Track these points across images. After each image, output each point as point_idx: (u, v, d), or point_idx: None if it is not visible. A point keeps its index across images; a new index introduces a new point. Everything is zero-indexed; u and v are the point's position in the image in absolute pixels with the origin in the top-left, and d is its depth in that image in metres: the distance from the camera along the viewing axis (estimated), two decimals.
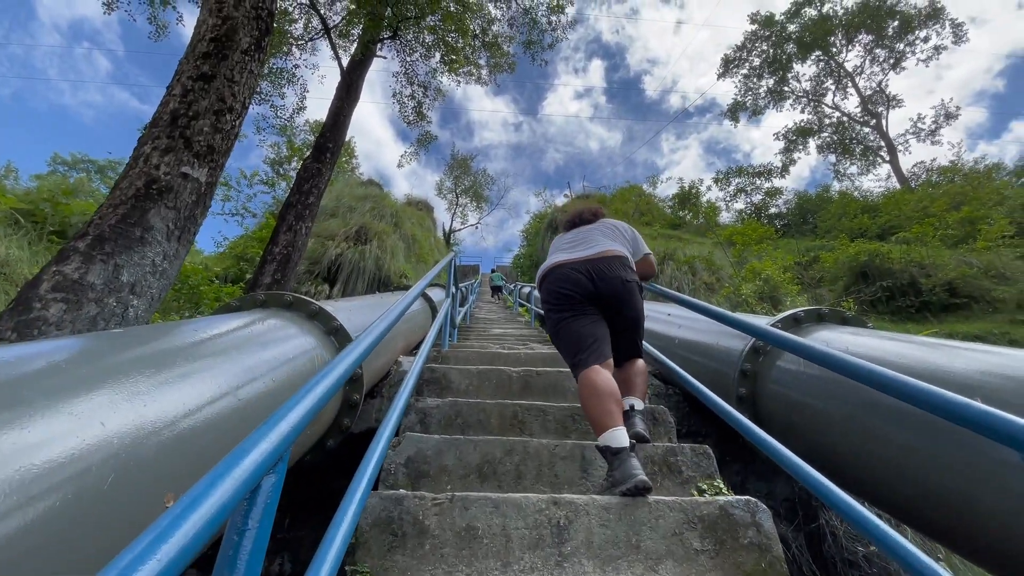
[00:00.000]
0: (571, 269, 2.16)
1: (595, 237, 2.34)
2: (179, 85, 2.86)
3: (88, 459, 0.91)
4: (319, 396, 0.79)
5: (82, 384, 1.04)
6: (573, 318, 2.10)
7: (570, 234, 2.47)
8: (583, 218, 2.55)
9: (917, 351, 1.76)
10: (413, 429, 2.30)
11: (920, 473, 1.51)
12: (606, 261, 2.16)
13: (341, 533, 0.91)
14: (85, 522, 0.86)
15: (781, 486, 2.81)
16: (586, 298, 2.11)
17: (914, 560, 0.90)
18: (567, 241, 2.41)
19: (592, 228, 2.44)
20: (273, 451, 0.62)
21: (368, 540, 1.48)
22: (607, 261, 2.16)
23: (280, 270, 5.83)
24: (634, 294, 2.17)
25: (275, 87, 10.11)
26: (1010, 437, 0.76)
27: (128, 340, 1.37)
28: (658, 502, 1.58)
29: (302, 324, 2.20)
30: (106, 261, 2.37)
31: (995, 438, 0.79)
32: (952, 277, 10.53)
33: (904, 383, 0.93)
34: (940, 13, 24.13)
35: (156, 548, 0.42)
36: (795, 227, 22.42)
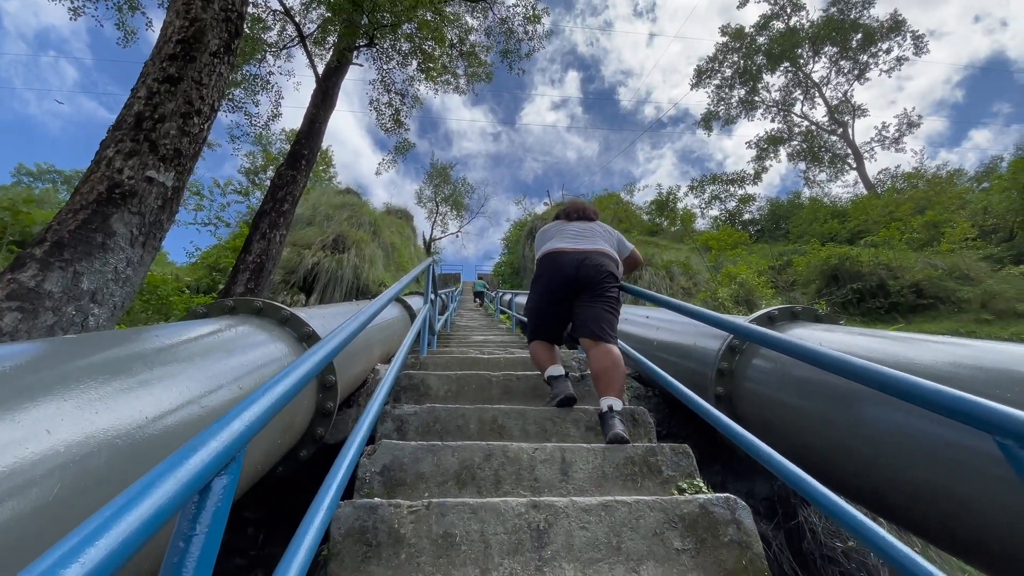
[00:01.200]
0: (568, 257, 2.58)
1: (593, 235, 2.76)
2: (144, 87, 2.77)
3: (32, 470, 0.85)
4: (279, 395, 0.75)
5: (27, 391, 0.97)
6: (547, 303, 2.61)
7: (575, 225, 2.82)
8: (579, 210, 2.94)
9: (888, 345, 1.79)
10: (390, 437, 2.24)
11: (893, 465, 1.52)
12: (596, 257, 2.58)
13: (306, 543, 0.87)
14: (27, 535, 0.80)
15: (761, 484, 2.83)
16: (564, 285, 2.54)
17: (893, 551, 0.90)
18: (573, 231, 2.77)
19: (591, 226, 2.84)
20: (225, 450, 0.58)
21: (341, 551, 1.43)
22: (597, 257, 2.58)
23: (254, 279, 5.69)
24: (608, 281, 2.54)
25: (249, 94, 9.95)
26: (983, 421, 0.76)
27: (82, 346, 1.30)
28: (638, 502, 1.56)
29: (272, 331, 2.13)
30: (65, 268, 2.27)
31: (969, 423, 0.79)
32: (919, 279, 10.89)
33: (878, 372, 0.93)
34: (901, 25, 25.19)
35: (83, 549, 0.39)
36: (768, 232, 22.95)
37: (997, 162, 21.88)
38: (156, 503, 0.46)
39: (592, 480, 1.87)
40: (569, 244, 2.64)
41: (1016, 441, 0.71)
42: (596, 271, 2.50)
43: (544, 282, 2.61)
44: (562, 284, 2.53)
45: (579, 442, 2.15)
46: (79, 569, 0.37)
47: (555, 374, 2.48)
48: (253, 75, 9.75)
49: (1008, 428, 0.71)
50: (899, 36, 25.42)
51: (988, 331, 9.30)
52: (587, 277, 2.49)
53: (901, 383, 0.89)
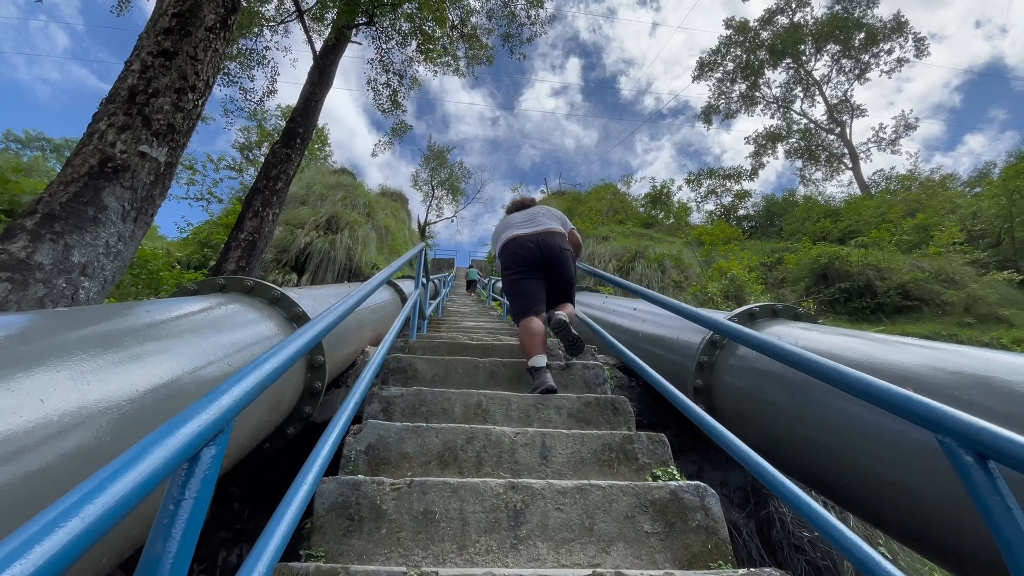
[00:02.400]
0: (526, 240, 2.96)
1: (539, 218, 3.11)
2: (138, 61, 2.74)
3: (26, 437, 0.89)
4: (267, 372, 0.79)
5: (21, 360, 1.00)
6: (523, 279, 2.92)
7: (520, 214, 3.21)
8: (524, 204, 3.40)
9: (860, 344, 1.85)
10: (376, 417, 2.29)
11: (856, 460, 1.60)
12: (550, 235, 2.97)
13: (288, 516, 0.91)
14: (19, 502, 0.84)
15: (735, 475, 2.92)
16: (534, 263, 2.91)
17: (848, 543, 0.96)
18: (519, 220, 3.14)
19: (535, 210, 3.23)
20: (214, 422, 0.62)
21: (324, 524, 1.48)
22: (551, 235, 2.97)
23: (245, 257, 5.68)
24: (568, 260, 2.99)
25: (244, 69, 9.80)
26: (925, 419, 0.81)
27: (75, 318, 1.33)
28: (612, 487, 1.62)
29: (263, 310, 2.16)
30: (56, 240, 2.28)
31: (913, 420, 0.84)
32: (905, 280, 11.04)
33: (835, 369, 0.98)
34: (904, 27, 25.14)
35: (81, 507, 0.43)
36: (762, 229, 23.07)
37: (990, 168, 22.10)
38: (149, 467, 0.50)
39: (570, 465, 1.93)
40: (522, 230, 3.04)
41: (954, 439, 0.76)
42: (556, 249, 2.94)
43: (514, 263, 2.97)
44: (530, 261, 2.92)
45: (560, 428, 2.21)
46: (79, 523, 0.41)
47: (538, 365, 2.62)
48: (249, 49, 9.60)
49: (946, 426, 0.77)
50: (901, 37, 25.40)
51: (969, 334, 9.49)
52: (551, 256, 2.92)
53: (854, 381, 0.94)
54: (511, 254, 3.00)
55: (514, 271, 2.97)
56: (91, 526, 0.42)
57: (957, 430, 0.75)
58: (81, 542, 0.41)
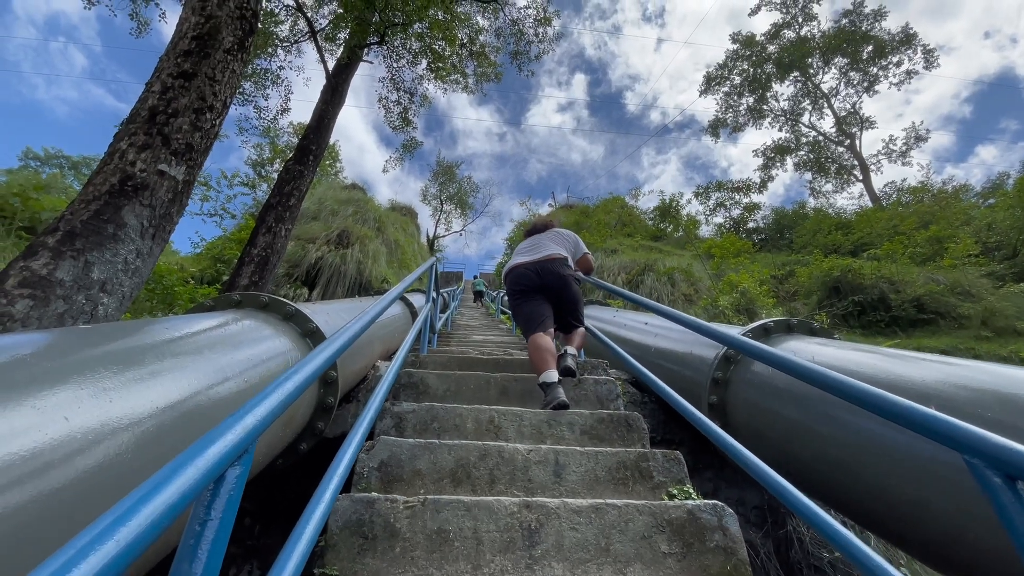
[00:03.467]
0: (524, 268, 3.15)
1: (544, 243, 3.29)
2: (159, 82, 2.82)
3: (50, 455, 0.90)
4: (288, 392, 0.80)
5: (46, 378, 1.02)
6: (525, 302, 3.11)
7: (527, 241, 3.41)
8: (536, 228, 3.51)
9: (879, 361, 1.83)
10: (388, 433, 2.28)
11: (876, 479, 1.56)
12: (549, 262, 3.13)
13: (307, 534, 0.91)
14: (45, 519, 0.85)
15: (751, 493, 2.87)
16: (534, 289, 3.10)
17: (872, 564, 0.94)
18: (524, 247, 3.35)
19: (543, 236, 3.38)
20: (239, 442, 0.62)
21: (338, 543, 1.47)
22: (550, 262, 3.13)
23: (258, 272, 5.75)
24: (569, 284, 3.11)
25: (258, 88, 10.01)
26: (952, 440, 0.80)
27: (96, 336, 1.35)
28: (628, 506, 1.60)
29: (277, 325, 2.18)
30: (76, 257, 2.32)
31: (940, 441, 0.83)
32: (920, 293, 10.88)
33: (855, 388, 0.97)
34: (913, 39, 25.14)
35: (115, 529, 0.43)
36: (772, 242, 22.93)
37: (1003, 179, 21.85)
38: (180, 489, 0.51)
39: (584, 483, 1.91)
40: (524, 258, 3.22)
41: (982, 460, 0.75)
42: (552, 275, 3.09)
43: (517, 290, 3.18)
44: (530, 287, 3.12)
45: (573, 445, 2.19)
46: (114, 546, 0.42)
47: (549, 381, 2.61)
48: (263, 69, 9.81)
49: (975, 447, 0.75)
50: (910, 49, 25.39)
51: (987, 348, 9.31)
52: (548, 281, 3.09)
53: (878, 400, 0.93)
54: (512, 282, 3.23)
55: (516, 296, 3.20)
56: (127, 548, 0.43)
57: (986, 451, 0.74)
58: (118, 563, 0.41)
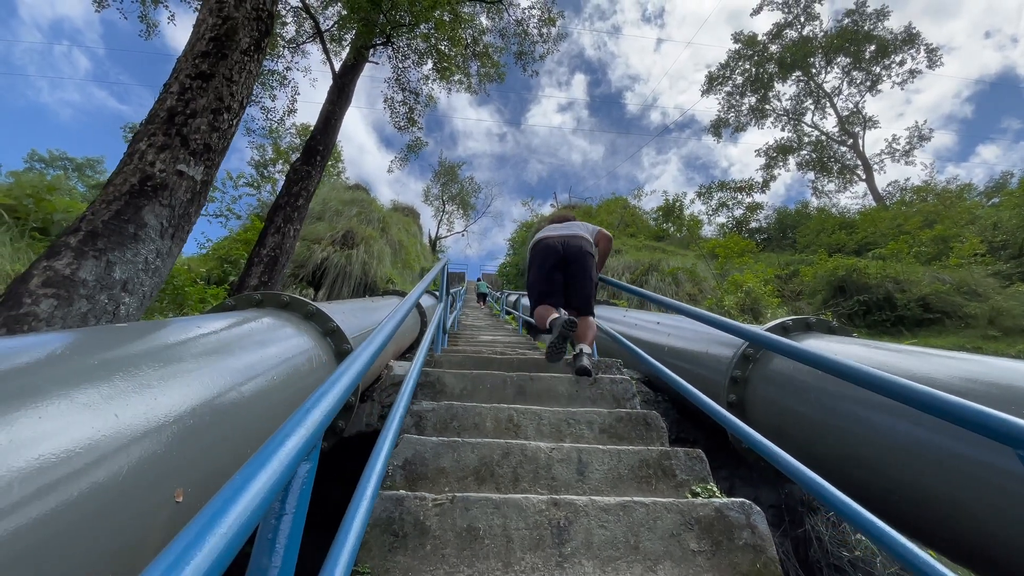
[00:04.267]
0: (552, 241, 3.39)
1: (570, 225, 3.61)
2: (177, 83, 2.83)
3: (103, 450, 0.91)
4: (345, 387, 0.80)
5: (92, 374, 1.03)
6: (544, 278, 3.31)
7: (553, 225, 3.71)
8: (562, 217, 3.84)
9: (903, 359, 1.83)
10: (409, 432, 2.29)
11: (905, 478, 1.57)
12: (575, 238, 3.38)
13: (353, 532, 0.91)
14: (100, 514, 0.86)
15: (767, 492, 2.87)
16: (557, 260, 3.29)
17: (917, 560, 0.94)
18: (554, 227, 3.62)
19: (571, 223, 3.69)
20: (310, 438, 0.63)
21: (368, 541, 1.48)
22: (576, 238, 3.38)
23: (267, 272, 5.76)
24: (588, 262, 3.32)
25: (265, 89, 10.04)
26: (1004, 435, 0.80)
27: (130, 334, 1.36)
28: (656, 504, 1.60)
29: (299, 324, 2.19)
30: (98, 257, 2.33)
31: (990, 436, 0.83)
32: (926, 293, 10.86)
33: (902, 385, 0.97)
34: (916, 38, 25.09)
35: (217, 523, 0.44)
36: (775, 241, 22.90)
37: (1007, 178, 21.79)
38: (266, 485, 0.51)
39: (608, 481, 1.91)
40: (553, 232, 3.49)
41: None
42: (577, 249, 3.30)
43: (539, 260, 3.36)
44: (554, 258, 3.30)
45: (593, 443, 2.20)
46: (219, 541, 0.43)
47: (554, 320, 3.00)
48: (270, 70, 9.84)
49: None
50: (912, 48, 25.34)
51: (994, 347, 9.29)
52: (572, 254, 3.29)
53: (924, 397, 0.93)
54: (539, 251, 3.44)
55: (536, 266, 3.39)
56: (230, 543, 0.43)
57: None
58: (224, 559, 0.42)
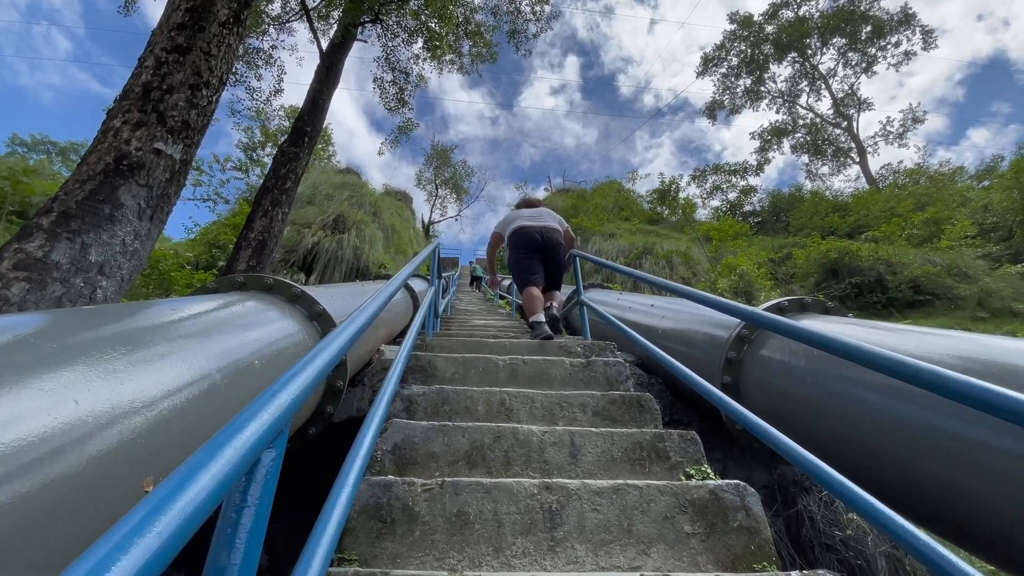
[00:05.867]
0: (532, 231, 3.94)
1: (543, 216, 4.13)
2: (152, 57, 2.71)
3: (61, 439, 0.85)
4: (319, 369, 0.75)
5: (52, 359, 0.97)
6: (527, 259, 3.90)
7: (528, 211, 4.18)
8: (531, 203, 4.40)
9: (899, 338, 1.80)
10: (398, 416, 2.24)
11: (903, 459, 1.54)
12: (550, 231, 3.99)
13: (334, 519, 0.87)
14: (58, 506, 0.80)
15: (759, 473, 2.87)
16: (535, 248, 3.90)
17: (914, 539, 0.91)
18: (527, 216, 4.10)
19: (539, 210, 4.22)
20: (274, 423, 0.58)
21: (356, 526, 1.44)
22: (551, 231, 4.00)
23: (255, 256, 5.65)
24: (562, 252, 4.02)
25: (250, 68, 9.77)
26: (1014, 413, 0.76)
27: (101, 317, 1.29)
28: (649, 486, 1.57)
29: (283, 308, 2.12)
30: (72, 239, 2.24)
31: (1000, 415, 0.79)
32: (917, 275, 10.92)
33: (908, 364, 0.93)
34: (912, 19, 24.87)
35: (152, 521, 0.38)
36: (769, 224, 22.92)
37: (998, 161, 21.82)
38: (219, 474, 0.46)
39: (601, 464, 1.88)
40: (529, 222, 3.99)
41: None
42: (554, 241, 3.95)
43: (522, 248, 3.93)
44: (533, 246, 3.89)
45: (586, 426, 2.17)
46: (155, 540, 0.37)
47: (538, 320, 3.58)
48: (255, 48, 9.57)
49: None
50: (908, 30, 25.12)
51: (983, 328, 9.36)
52: (550, 245, 3.92)
53: (928, 375, 0.89)
54: (520, 240, 3.96)
55: (522, 252, 3.93)
56: (170, 539, 0.38)
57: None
58: (162, 556, 0.37)
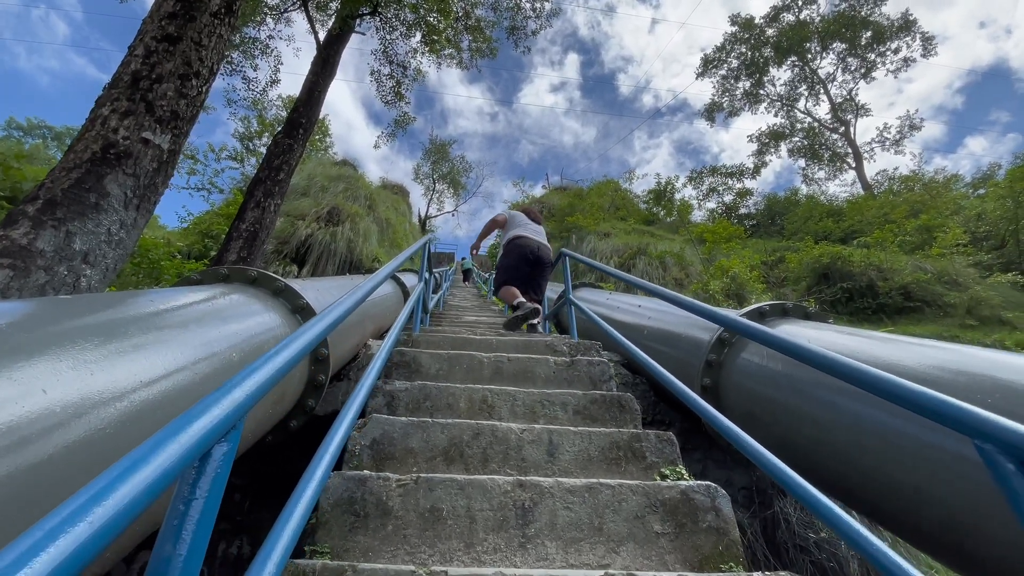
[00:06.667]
0: (530, 243, 4.44)
1: (540, 232, 4.66)
2: (142, 45, 2.69)
3: (27, 428, 0.86)
4: (278, 366, 0.76)
5: (22, 349, 0.97)
6: (516, 268, 4.39)
7: (530, 223, 4.69)
8: (534, 216, 4.86)
9: (874, 345, 1.82)
10: (380, 412, 2.26)
11: (873, 465, 1.57)
12: (545, 248, 4.54)
13: (298, 511, 0.88)
14: (21, 497, 0.81)
15: (739, 474, 2.90)
16: (529, 261, 4.39)
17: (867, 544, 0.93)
18: (530, 228, 4.62)
19: (539, 228, 4.72)
20: (225, 418, 0.59)
21: (329, 520, 1.46)
22: (546, 248, 4.54)
23: (247, 247, 5.64)
24: (548, 268, 4.58)
25: (247, 58, 9.71)
26: (964, 425, 0.78)
27: (76, 306, 1.30)
28: (622, 486, 1.60)
29: (266, 301, 2.13)
30: (57, 227, 2.24)
31: (950, 426, 0.81)
32: (907, 281, 11.00)
33: (864, 372, 0.95)
34: (912, 25, 24.95)
35: (88, 509, 0.39)
36: (763, 228, 23.01)
37: (994, 169, 21.98)
38: (161, 466, 0.47)
39: (578, 463, 1.91)
40: (531, 235, 4.50)
41: (994, 446, 0.73)
42: (546, 258, 4.50)
43: (517, 255, 4.40)
44: (528, 257, 4.39)
45: (566, 425, 2.19)
46: (87, 528, 0.38)
47: (521, 301, 4.15)
48: (252, 38, 9.51)
49: (987, 433, 0.73)
50: (908, 36, 25.21)
51: (971, 336, 9.46)
52: (542, 262, 4.46)
53: (885, 384, 0.91)
54: (516, 248, 4.43)
55: (514, 257, 4.41)
56: (100, 530, 0.39)
57: (999, 437, 0.72)
58: (91, 547, 0.38)
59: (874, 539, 0.95)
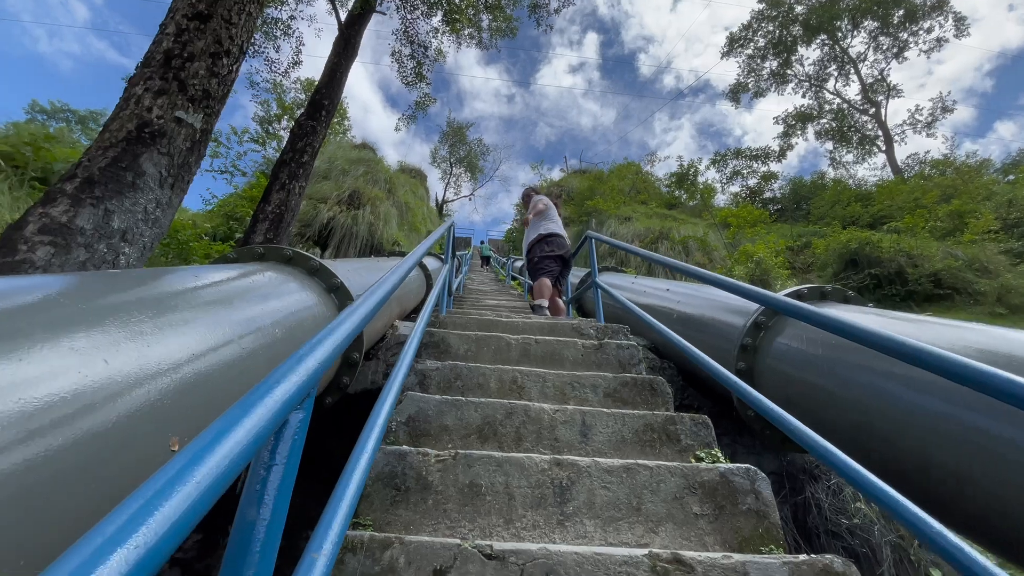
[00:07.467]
0: (558, 239, 4.97)
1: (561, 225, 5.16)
2: (173, 23, 2.70)
3: (91, 397, 0.87)
4: (341, 339, 0.76)
5: (82, 319, 0.99)
6: (549, 261, 4.83)
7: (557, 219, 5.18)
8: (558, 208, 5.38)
9: (920, 329, 1.77)
10: (412, 390, 2.28)
11: (918, 450, 1.53)
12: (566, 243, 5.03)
13: (352, 485, 0.89)
14: (89, 461, 0.83)
15: (768, 460, 2.87)
16: (557, 257, 4.88)
17: (930, 530, 0.91)
18: (557, 223, 5.12)
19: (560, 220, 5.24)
20: (303, 385, 0.59)
21: (371, 493, 1.47)
22: (566, 243, 5.03)
23: (272, 229, 5.70)
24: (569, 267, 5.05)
25: (268, 39, 9.70)
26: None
27: (126, 280, 1.32)
28: (660, 467, 1.59)
29: (302, 280, 2.15)
30: (96, 205, 2.28)
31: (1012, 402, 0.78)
32: (938, 268, 10.68)
33: (935, 355, 0.92)
34: (944, 4, 23.80)
35: (191, 471, 0.39)
36: (789, 212, 22.49)
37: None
38: (251, 431, 0.47)
39: (611, 444, 1.90)
40: (559, 231, 5.02)
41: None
42: (568, 253, 4.96)
43: (547, 248, 4.89)
44: (558, 253, 4.87)
45: (597, 407, 2.18)
46: (194, 489, 0.38)
47: (541, 304, 4.51)
48: (274, 18, 9.48)
49: None
50: (941, 15, 24.07)
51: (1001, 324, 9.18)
52: (567, 261, 4.95)
53: (956, 366, 0.88)
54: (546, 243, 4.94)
55: (547, 253, 4.87)
56: (207, 490, 0.39)
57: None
58: (199, 506, 0.38)
59: (934, 523, 0.93)
